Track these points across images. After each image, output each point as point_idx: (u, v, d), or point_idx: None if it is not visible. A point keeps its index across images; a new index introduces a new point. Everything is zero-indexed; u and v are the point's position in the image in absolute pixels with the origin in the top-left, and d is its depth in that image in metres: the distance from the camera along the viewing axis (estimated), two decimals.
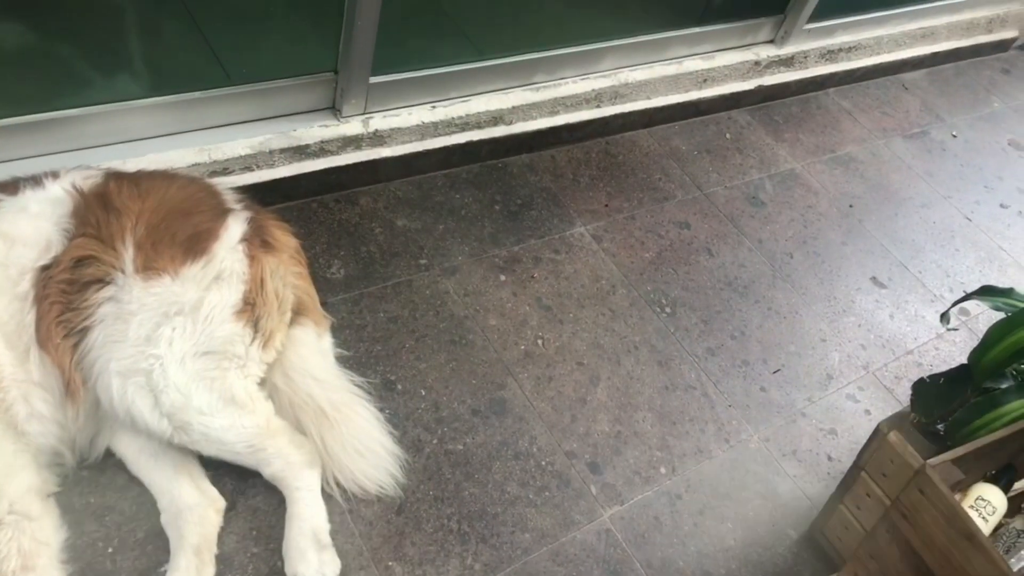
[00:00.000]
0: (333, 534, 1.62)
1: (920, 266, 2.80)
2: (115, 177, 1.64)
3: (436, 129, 2.47)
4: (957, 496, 1.56)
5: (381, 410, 1.81)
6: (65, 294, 1.51)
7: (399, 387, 1.94)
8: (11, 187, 1.58)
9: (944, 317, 1.88)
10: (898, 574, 1.54)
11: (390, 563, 1.64)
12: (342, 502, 1.69)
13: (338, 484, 1.69)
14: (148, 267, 1.53)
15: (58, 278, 1.51)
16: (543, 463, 1.89)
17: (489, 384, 2.01)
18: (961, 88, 3.81)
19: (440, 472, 1.81)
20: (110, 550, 1.54)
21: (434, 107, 2.49)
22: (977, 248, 2.95)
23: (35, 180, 1.59)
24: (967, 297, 1.89)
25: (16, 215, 1.54)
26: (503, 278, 2.28)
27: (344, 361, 1.89)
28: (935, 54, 3.81)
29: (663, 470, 1.96)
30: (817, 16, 3.23)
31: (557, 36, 2.69)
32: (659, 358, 2.21)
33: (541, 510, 1.80)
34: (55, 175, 1.61)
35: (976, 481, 1.65)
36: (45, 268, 1.52)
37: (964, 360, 1.77)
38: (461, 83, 2.53)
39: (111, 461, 1.65)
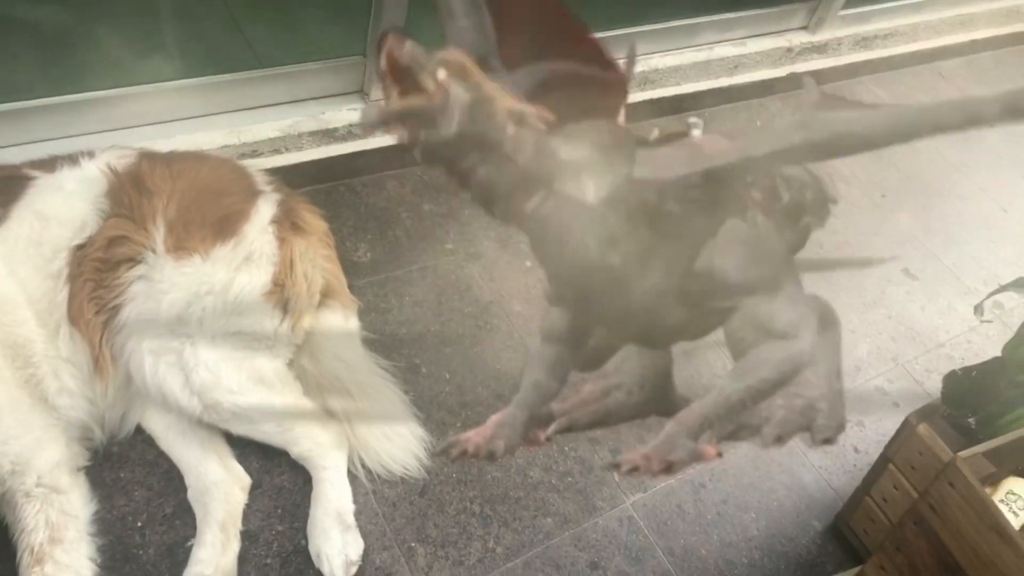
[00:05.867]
0: (357, 514, 1.64)
1: (954, 258, 2.75)
2: (148, 158, 1.66)
3: None
4: (987, 490, 1.53)
5: (406, 393, 1.82)
6: (98, 272, 1.54)
7: (424, 370, 1.95)
8: (48, 165, 1.61)
9: (978, 309, 1.85)
10: (925, 567, 1.52)
11: (412, 544, 1.65)
12: (366, 483, 1.70)
13: (363, 465, 1.70)
14: (179, 247, 1.55)
15: (92, 256, 1.53)
16: (566, 448, 1.89)
17: (513, 369, 2.01)
18: (1000, 77, 3.72)
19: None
20: (139, 524, 1.57)
21: None
22: (1013, 240, 2.89)
23: (71, 159, 1.62)
24: (1002, 289, 1.86)
25: (52, 194, 1.56)
26: (528, 264, 2.28)
27: (370, 344, 1.90)
28: (973, 42, 3.73)
29: None
30: (852, 2, 3.17)
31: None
32: (684, 346, 2.20)
33: (564, 495, 1.80)
34: (91, 155, 1.63)
35: (1007, 475, 1.62)
36: (80, 247, 1.54)
37: (997, 354, 1.74)
38: None
39: (140, 437, 1.68)
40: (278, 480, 1.69)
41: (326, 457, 1.65)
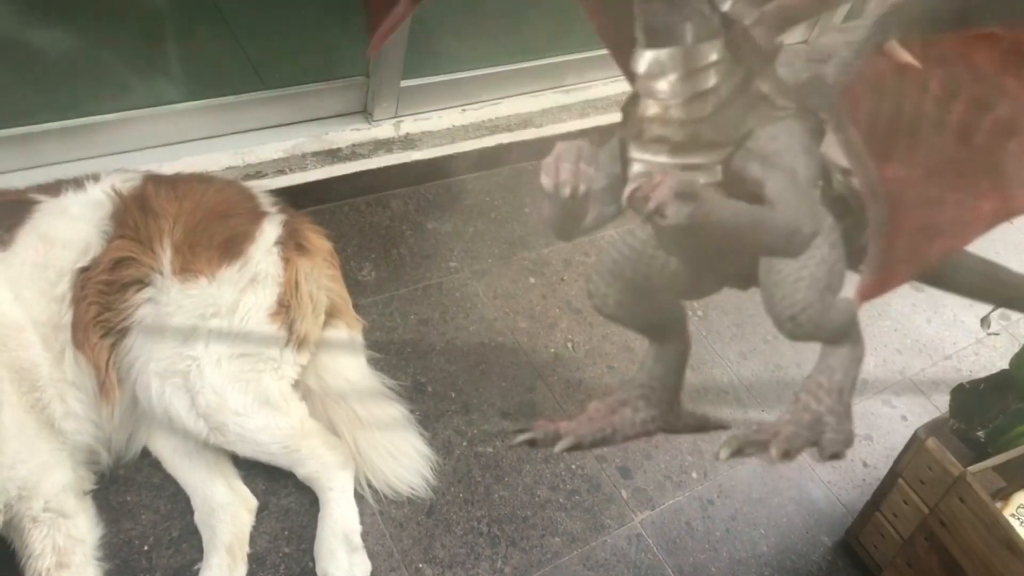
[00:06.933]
0: (364, 535, 1.63)
1: None
2: (153, 180, 1.67)
3: (466, 132, 2.48)
4: (998, 504, 1.52)
5: (412, 412, 1.82)
6: (103, 295, 1.54)
7: (429, 389, 1.94)
8: (53, 189, 1.62)
9: (985, 321, 1.84)
10: None
11: (420, 565, 1.64)
12: (373, 503, 1.70)
13: (370, 485, 1.70)
14: (185, 269, 1.56)
15: (96, 279, 1.54)
16: (573, 467, 1.88)
17: (519, 387, 2.00)
18: None
19: (470, 474, 1.81)
20: (145, 547, 1.57)
21: (464, 110, 2.49)
22: (1019, 252, 2.89)
23: (76, 183, 1.63)
24: None
25: (57, 217, 1.57)
26: (533, 281, 2.28)
27: (375, 363, 1.90)
28: None
29: (695, 475, 1.94)
30: None
31: (587, 39, 2.69)
32: (691, 362, 2.18)
33: (571, 514, 1.79)
34: (95, 178, 1.64)
35: (1018, 489, 1.61)
36: (84, 270, 1.55)
37: (1005, 366, 1.73)
38: (491, 86, 2.53)
39: (147, 460, 1.68)
40: (284, 502, 1.68)
41: (332, 478, 1.64)
